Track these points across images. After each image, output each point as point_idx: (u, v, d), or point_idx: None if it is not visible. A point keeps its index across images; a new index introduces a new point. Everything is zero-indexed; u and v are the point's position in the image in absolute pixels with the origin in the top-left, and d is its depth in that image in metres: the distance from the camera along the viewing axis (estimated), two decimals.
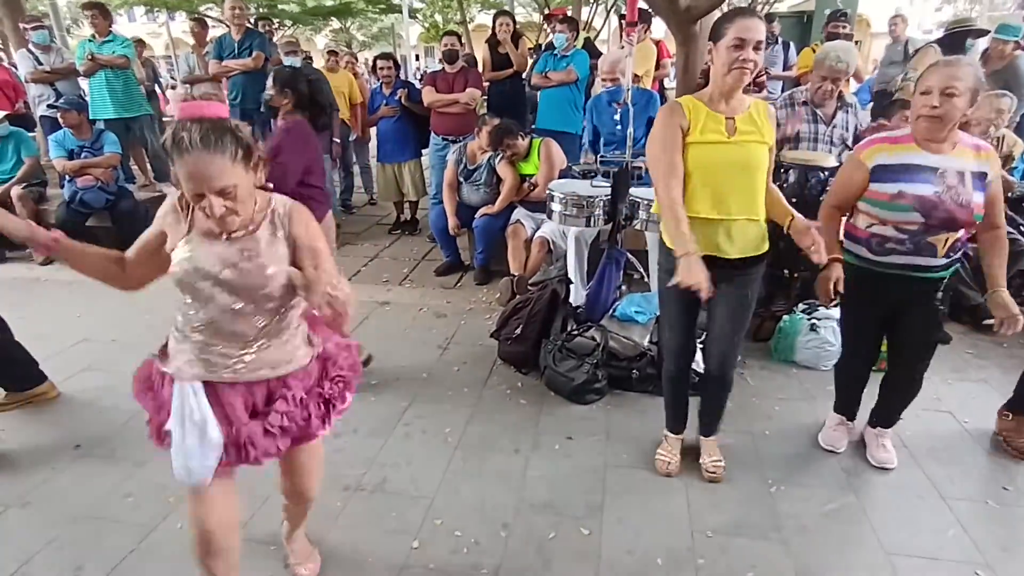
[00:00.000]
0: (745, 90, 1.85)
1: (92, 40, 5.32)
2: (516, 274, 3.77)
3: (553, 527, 2.03)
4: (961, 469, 2.31)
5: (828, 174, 2.99)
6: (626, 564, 1.90)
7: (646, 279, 3.60)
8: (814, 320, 3.00)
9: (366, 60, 9.12)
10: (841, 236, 2.15)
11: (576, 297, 3.36)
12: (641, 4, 4.38)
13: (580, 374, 2.75)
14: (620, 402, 2.76)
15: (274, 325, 1.42)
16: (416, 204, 5.44)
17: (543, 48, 5.35)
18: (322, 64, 5.91)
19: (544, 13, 11.86)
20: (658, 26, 5.52)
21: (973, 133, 2.49)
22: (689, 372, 2.23)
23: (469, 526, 2.03)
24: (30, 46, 5.65)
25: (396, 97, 4.94)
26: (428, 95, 4.73)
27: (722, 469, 2.25)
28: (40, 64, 5.60)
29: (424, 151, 5.19)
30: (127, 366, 1.54)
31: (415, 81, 7.51)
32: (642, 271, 3.60)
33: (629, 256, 3.21)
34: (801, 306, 3.13)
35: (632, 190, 3.22)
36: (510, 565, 1.89)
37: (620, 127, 3.84)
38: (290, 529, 1.84)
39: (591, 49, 5.39)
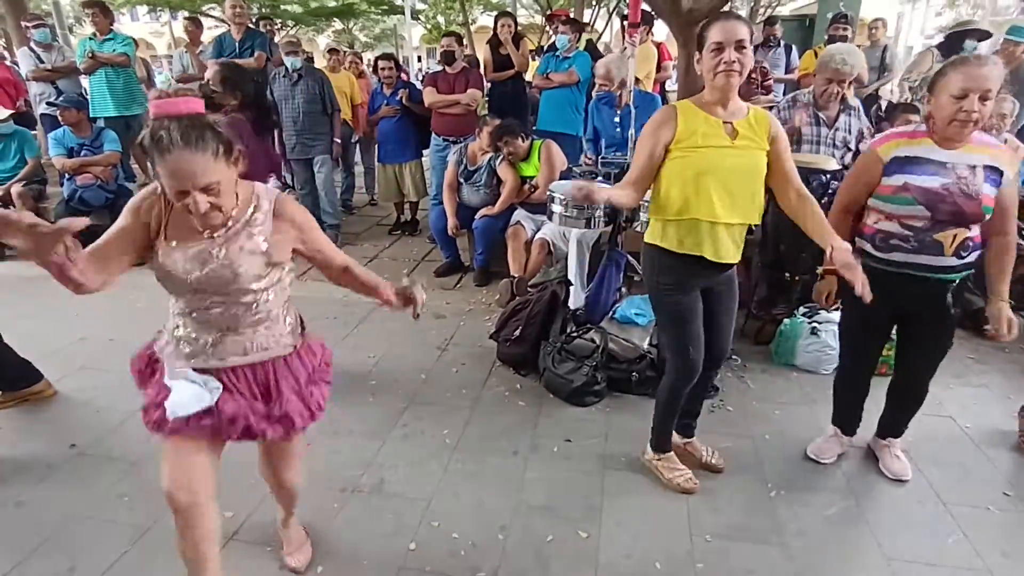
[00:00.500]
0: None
1: (93, 38, 5.33)
2: (516, 275, 3.77)
3: (551, 530, 2.02)
4: (962, 474, 2.30)
5: (830, 177, 2.98)
6: (624, 568, 1.88)
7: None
8: (815, 324, 2.99)
9: (369, 61, 9.09)
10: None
11: (576, 299, 3.35)
12: (643, 6, 4.39)
13: (579, 376, 2.74)
14: (619, 404, 2.75)
15: (251, 315, 1.43)
16: (416, 205, 5.43)
17: (545, 49, 5.35)
18: (324, 64, 5.91)
19: (546, 14, 11.87)
20: (660, 29, 5.53)
21: None
22: None
23: (467, 528, 2.02)
24: (32, 44, 5.65)
25: (397, 97, 4.94)
26: (429, 96, 4.73)
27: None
28: (42, 62, 5.60)
29: (425, 152, 5.18)
30: (124, 365, 1.54)
31: (416, 82, 7.49)
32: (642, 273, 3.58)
33: (629, 258, 3.20)
34: (802, 309, 3.12)
35: None
36: (508, 568, 1.87)
37: (620, 129, 3.86)
38: (284, 516, 1.87)
39: (593, 51, 5.38)
